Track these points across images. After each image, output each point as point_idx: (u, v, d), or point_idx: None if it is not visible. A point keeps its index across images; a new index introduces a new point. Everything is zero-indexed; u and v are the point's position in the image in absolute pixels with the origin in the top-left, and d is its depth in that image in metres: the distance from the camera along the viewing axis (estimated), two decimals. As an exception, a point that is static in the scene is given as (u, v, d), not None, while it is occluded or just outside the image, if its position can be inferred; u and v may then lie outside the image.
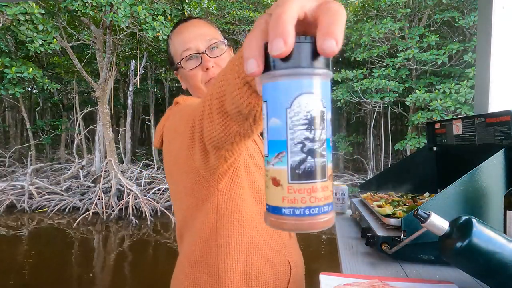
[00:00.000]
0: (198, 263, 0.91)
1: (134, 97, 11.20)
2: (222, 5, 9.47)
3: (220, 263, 0.88)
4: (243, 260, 0.89)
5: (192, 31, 0.94)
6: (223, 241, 0.88)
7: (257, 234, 0.90)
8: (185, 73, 0.94)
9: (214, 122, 0.63)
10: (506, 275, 0.71)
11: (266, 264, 0.91)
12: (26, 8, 5.99)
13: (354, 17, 8.98)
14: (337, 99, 8.91)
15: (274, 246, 0.93)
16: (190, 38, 0.92)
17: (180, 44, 0.94)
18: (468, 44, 7.47)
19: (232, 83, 0.51)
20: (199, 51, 0.92)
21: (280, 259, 0.94)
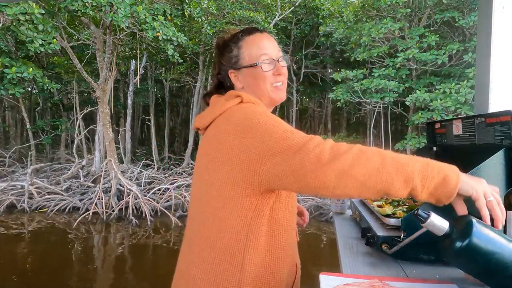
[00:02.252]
0: (222, 250, 0.95)
1: (134, 97, 11.20)
2: (222, 5, 9.46)
3: (246, 255, 0.93)
4: (265, 256, 0.95)
5: (268, 41, 1.10)
6: (253, 237, 0.94)
7: (281, 236, 0.97)
8: (258, 73, 1.05)
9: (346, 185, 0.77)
10: (506, 275, 0.71)
11: (283, 263, 0.97)
12: (26, 8, 5.98)
13: (354, 17, 8.97)
14: (337, 99, 8.91)
15: (289, 248, 0.99)
16: (267, 46, 1.08)
17: (259, 49, 1.07)
18: (468, 44, 7.46)
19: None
20: (274, 58, 1.07)
21: (291, 260, 1.00)
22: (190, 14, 8.05)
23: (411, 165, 0.77)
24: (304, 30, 10.56)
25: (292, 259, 1.02)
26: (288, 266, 0.99)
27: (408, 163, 0.77)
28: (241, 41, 1.09)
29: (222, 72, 1.12)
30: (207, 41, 9.68)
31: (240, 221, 0.94)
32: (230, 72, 1.10)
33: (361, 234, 1.19)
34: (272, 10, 10.47)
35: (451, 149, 1.46)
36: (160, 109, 15.31)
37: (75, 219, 7.21)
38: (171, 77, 12.26)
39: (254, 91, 1.07)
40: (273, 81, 1.07)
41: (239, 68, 1.08)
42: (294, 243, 1.04)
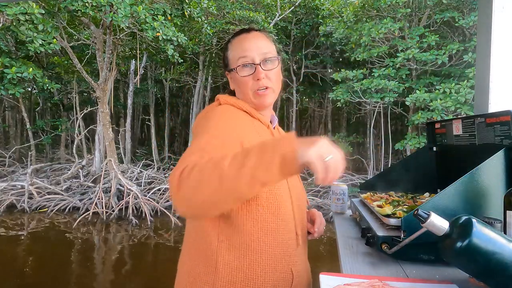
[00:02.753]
0: (198, 252, 0.96)
1: (134, 97, 11.20)
2: (222, 5, 9.46)
3: (219, 257, 0.92)
4: (240, 259, 0.92)
5: (251, 42, 1.04)
6: (224, 237, 0.93)
7: (260, 238, 0.93)
8: (237, 78, 1.04)
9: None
10: (506, 275, 0.71)
11: (265, 268, 0.92)
12: (26, 8, 5.98)
13: (354, 17, 8.97)
14: (337, 99, 8.91)
15: (278, 253, 0.94)
16: (248, 48, 1.03)
17: (238, 51, 1.04)
18: (468, 44, 7.46)
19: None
20: (254, 62, 1.02)
21: (283, 266, 0.95)
22: (190, 14, 8.05)
23: (248, 165, 0.71)
24: (304, 30, 10.55)
25: (285, 266, 0.95)
26: (278, 273, 0.93)
27: (245, 162, 0.71)
28: (229, 43, 1.09)
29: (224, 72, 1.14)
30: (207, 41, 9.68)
31: (210, 222, 0.94)
32: (226, 74, 1.11)
33: (361, 234, 1.19)
34: (272, 10, 10.47)
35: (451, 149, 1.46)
36: (160, 109, 15.30)
37: (75, 219, 7.21)
38: (171, 77, 12.25)
39: (240, 95, 1.07)
40: (254, 87, 1.02)
41: (228, 71, 1.09)
42: (285, 247, 0.96)
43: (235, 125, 0.95)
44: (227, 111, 1.00)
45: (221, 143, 0.85)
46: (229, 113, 0.99)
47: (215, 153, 0.79)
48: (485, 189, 0.99)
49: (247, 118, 1.02)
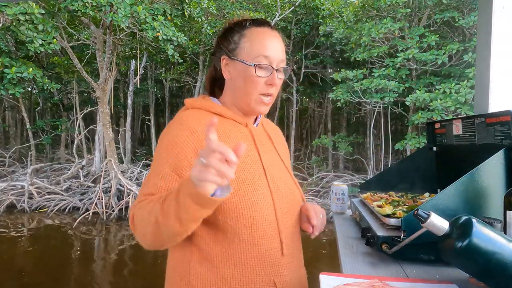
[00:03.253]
0: (174, 263, 0.95)
1: (134, 97, 11.20)
2: (222, 5, 9.46)
3: (191, 269, 0.89)
4: (214, 272, 0.88)
5: (275, 43, 0.96)
6: (196, 249, 0.90)
7: (231, 251, 0.88)
8: (249, 75, 0.93)
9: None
10: (506, 275, 0.71)
11: (241, 280, 0.88)
12: (26, 8, 5.98)
13: (354, 17, 8.96)
14: (337, 99, 8.91)
15: (256, 265, 0.89)
16: (271, 48, 0.94)
17: (260, 46, 0.94)
18: (468, 44, 7.46)
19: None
20: (273, 66, 0.94)
21: (263, 278, 0.89)
22: (190, 14, 8.05)
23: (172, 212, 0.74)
24: (304, 30, 10.55)
25: (265, 277, 0.89)
26: (259, 285, 0.88)
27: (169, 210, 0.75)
28: (246, 29, 0.96)
29: (217, 54, 1.00)
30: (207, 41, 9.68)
31: None
32: (223, 58, 0.97)
33: (361, 234, 1.19)
34: (272, 10, 10.47)
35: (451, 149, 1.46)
36: (160, 109, 15.30)
37: (75, 219, 7.21)
38: (171, 77, 12.25)
39: (239, 90, 0.97)
40: (263, 91, 0.94)
41: (233, 58, 0.96)
42: (265, 258, 0.90)
43: (183, 143, 0.88)
44: (181, 124, 0.91)
45: (163, 176, 0.87)
46: (179, 132, 0.90)
47: (160, 188, 0.85)
48: (485, 189, 0.99)
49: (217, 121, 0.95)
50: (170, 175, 0.86)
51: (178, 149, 0.87)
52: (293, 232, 0.99)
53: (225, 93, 1.02)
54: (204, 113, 0.96)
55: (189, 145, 0.87)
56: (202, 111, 0.97)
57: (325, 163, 11.37)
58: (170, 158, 0.87)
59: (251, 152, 0.97)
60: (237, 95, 0.98)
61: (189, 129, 0.89)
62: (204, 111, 0.97)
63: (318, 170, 10.70)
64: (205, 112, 0.97)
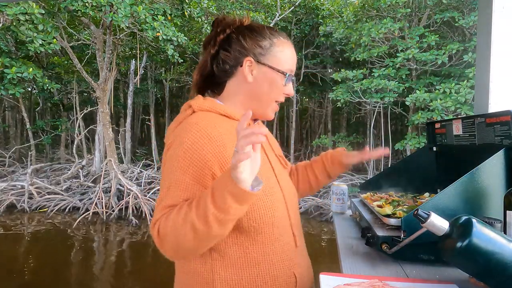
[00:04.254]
0: (191, 272, 0.93)
1: (134, 97, 11.19)
2: (222, 5, 9.46)
3: (215, 275, 0.89)
4: (238, 274, 0.89)
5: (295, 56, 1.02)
6: (217, 255, 0.90)
7: (256, 251, 0.90)
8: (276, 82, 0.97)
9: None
10: (506, 275, 0.71)
11: (265, 278, 0.90)
12: (26, 8, 5.98)
13: (354, 17, 8.96)
14: (337, 99, 8.91)
15: (277, 261, 0.92)
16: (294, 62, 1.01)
17: (291, 60, 1.00)
18: (468, 44, 7.46)
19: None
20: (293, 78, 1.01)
21: (284, 272, 0.93)
22: (190, 14, 8.05)
23: (210, 214, 0.74)
24: (304, 30, 10.55)
25: (286, 270, 0.93)
26: (281, 280, 0.92)
27: (206, 213, 0.74)
28: (275, 38, 0.98)
29: (234, 52, 0.96)
30: (207, 41, 9.65)
31: None
32: (248, 59, 0.95)
33: (361, 234, 1.19)
34: (272, 10, 10.47)
35: (451, 149, 1.46)
36: (160, 109, 15.30)
37: (75, 219, 7.21)
38: (171, 77, 12.25)
39: (259, 95, 0.97)
40: (280, 99, 1.00)
41: (263, 63, 0.96)
42: (284, 252, 0.94)
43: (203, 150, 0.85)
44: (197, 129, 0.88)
45: (185, 186, 0.84)
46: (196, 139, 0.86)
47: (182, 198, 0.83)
48: (485, 189, 0.99)
49: (225, 123, 0.93)
50: (192, 185, 0.84)
51: (198, 157, 0.85)
52: (299, 224, 1.04)
53: (230, 93, 1.00)
54: (213, 116, 0.94)
55: (209, 152, 0.86)
56: (211, 113, 0.94)
57: (325, 163, 11.34)
58: (190, 167, 0.85)
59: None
60: (256, 98, 0.98)
61: (206, 135, 0.87)
62: (212, 113, 0.94)
63: (318, 170, 10.67)
64: (214, 114, 0.94)
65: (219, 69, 0.99)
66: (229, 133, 0.90)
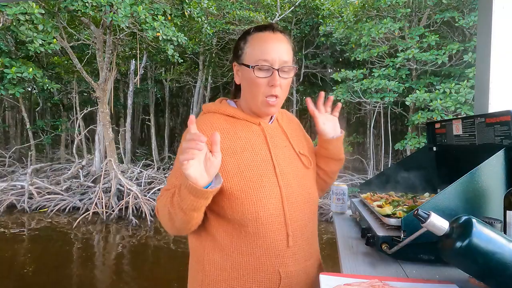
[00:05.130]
0: (193, 249, 1.07)
1: (134, 97, 11.20)
2: (222, 5, 9.46)
3: (205, 256, 1.00)
4: (224, 258, 0.98)
5: (275, 45, 1.00)
6: (209, 238, 1.00)
7: (239, 240, 0.97)
8: (250, 76, 0.99)
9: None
10: (506, 275, 0.71)
11: (248, 267, 0.96)
12: (26, 8, 5.98)
13: (354, 17, 8.96)
14: (337, 99, 8.91)
15: (261, 255, 0.96)
16: (271, 51, 0.98)
17: (259, 50, 0.99)
18: (468, 44, 7.46)
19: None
20: (274, 66, 0.98)
21: (267, 267, 0.96)
22: (190, 14, 8.05)
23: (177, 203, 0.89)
24: (304, 30, 10.56)
25: (269, 267, 0.95)
26: (263, 274, 0.95)
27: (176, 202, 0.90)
28: (249, 35, 1.03)
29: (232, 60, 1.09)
30: (207, 41, 9.69)
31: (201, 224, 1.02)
32: (234, 64, 1.06)
33: (361, 234, 1.19)
34: (272, 10, 10.47)
35: (451, 149, 1.47)
36: (160, 109, 15.30)
37: (75, 219, 7.21)
38: (171, 77, 12.26)
39: (247, 94, 1.03)
40: (267, 92, 0.99)
41: (240, 63, 1.03)
42: (270, 249, 0.96)
43: None
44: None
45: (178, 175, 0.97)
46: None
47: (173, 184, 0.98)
48: (485, 189, 0.99)
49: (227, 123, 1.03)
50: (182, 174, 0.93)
51: None
52: (303, 225, 1.03)
53: (241, 96, 1.09)
54: (218, 116, 1.05)
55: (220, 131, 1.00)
56: (217, 114, 1.06)
57: (325, 163, 11.34)
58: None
59: (261, 150, 1.03)
60: (247, 97, 1.05)
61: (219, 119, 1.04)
62: (218, 114, 1.06)
63: (318, 170, 10.68)
64: (219, 115, 1.06)
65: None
66: (225, 132, 1.01)
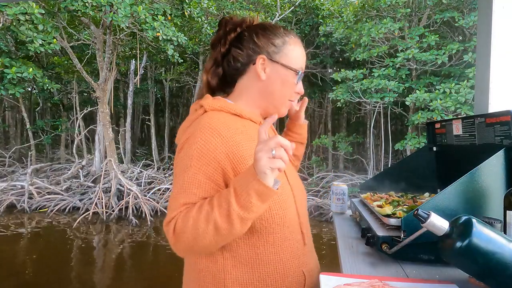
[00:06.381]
0: (202, 272, 0.93)
1: (134, 97, 11.19)
2: (222, 5, 9.46)
3: (226, 274, 0.90)
4: (249, 273, 0.91)
5: (305, 55, 1.06)
6: (229, 255, 0.91)
7: (267, 250, 0.91)
8: (288, 80, 0.99)
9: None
10: (506, 275, 0.71)
11: (275, 276, 0.91)
12: (26, 8, 5.98)
13: (354, 17, 8.96)
14: (337, 99, 8.91)
15: (287, 259, 0.93)
16: (304, 61, 1.04)
17: (302, 58, 1.02)
18: (468, 44, 7.45)
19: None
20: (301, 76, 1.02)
21: (294, 270, 0.94)
22: (190, 14, 8.05)
23: (233, 211, 0.77)
24: (304, 30, 10.55)
25: (296, 269, 0.94)
26: (290, 278, 0.93)
27: (229, 210, 0.77)
28: (287, 36, 0.99)
29: (247, 51, 0.98)
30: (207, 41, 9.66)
31: None
32: (261, 57, 0.96)
33: (361, 234, 1.18)
34: (272, 10, 10.47)
35: (451, 149, 1.46)
36: (160, 109, 15.31)
37: (75, 219, 7.21)
38: (171, 77, 12.25)
39: (272, 93, 0.99)
40: (292, 97, 1.02)
41: (275, 61, 0.97)
42: (293, 251, 0.95)
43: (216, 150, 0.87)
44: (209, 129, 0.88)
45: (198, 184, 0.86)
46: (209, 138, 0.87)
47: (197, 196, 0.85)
48: (485, 189, 0.99)
49: (237, 121, 0.95)
50: (206, 183, 0.86)
51: (211, 156, 0.86)
52: (307, 222, 1.05)
53: (242, 91, 1.01)
54: (225, 115, 0.94)
55: (221, 152, 0.87)
56: (222, 113, 0.95)
57: (325, 163, 11.37)
58: (203, 165, 0.86)
59: None
60: (269, 96, 1.00)
61: (218, 135, 0.88)
62: (224, 113, 0.95)
63: (318, 170, 10.70)
64: (225, 114, 0.95)
65: (230, 68, 1.01)
66: (240, 132, 0.92)
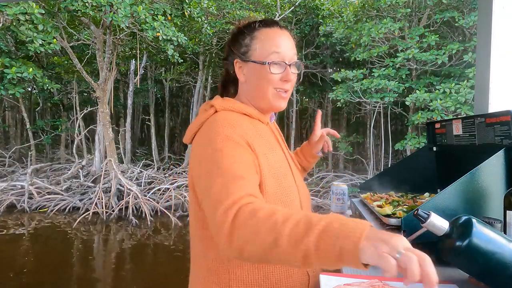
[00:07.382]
0: (209, 271, 0.94)
1: (134, 97, 11.20)
2: (222, 5, 9.46)
3: (231, 275, 0.91)
4: (254, 273, 0.91)
5: (286, 40, 1.00)
6: None
7: None
8: (262, 73, 0.97)
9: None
10: (506, 275, 0.71)
11: (280, 276, 0.91)
12: (26, 8, 5.98)
13: (354, 17, 8.97)
14: (337, 99, 8.91)
15: None
16: (282, 45, 0.98)
17: (271, 45, 0.97)
18: (468, 44, 7.46)
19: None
20: (285, 61, 0.97)
21: (298, 270, 0.94)
22: (190, 14, 8.05)
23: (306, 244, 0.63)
24: (304, 30, 10.56)
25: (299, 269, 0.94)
26: (294, 278, 0.93)
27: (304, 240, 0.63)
28: (256, 31, 0.99)
29: (229, 59, 1.03)
30: (207, 41, 9.69)
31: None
32: (236, 61, 1.00)
33: (361, 234, 1.18)
34: (272, 10, 10.47)
35: (451, 149, 1.46)
36: (160, 109, 15.31)
37: (75, 219, 7.21)
38: (171, 77, 12.26)
39: (255, 90, 1.00)
40: (278, 86, 0.98)
41: (247, 60, 0.99)
42: None
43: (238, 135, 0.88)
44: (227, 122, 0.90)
45: (241, 171, 0.80)
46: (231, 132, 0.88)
47: (247, 180, 0.79)
48: (485, 189, 0.99)
49: (248, 121, 0.97)
50: (247, 168, 0.83)
51: (236, 141, 0.87)
52: None
53: (240, 95, 1.04)
54: (236, 115, 0.97)
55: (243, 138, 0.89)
56: (233, 112, 0.97)
57: (325, 163, 11.37)
58: (236, 151, 0.85)
59: (278, 150, 1.02)
60: (255, 95, 1.01)
61: (238, 126, 0.90)
62: (235, 113, 0.97)
63: (318, 170, 10.71)
64: (236, 113, 0.97)
65: (230, 75, 1.05)
66: (251, 128, 0.95)
